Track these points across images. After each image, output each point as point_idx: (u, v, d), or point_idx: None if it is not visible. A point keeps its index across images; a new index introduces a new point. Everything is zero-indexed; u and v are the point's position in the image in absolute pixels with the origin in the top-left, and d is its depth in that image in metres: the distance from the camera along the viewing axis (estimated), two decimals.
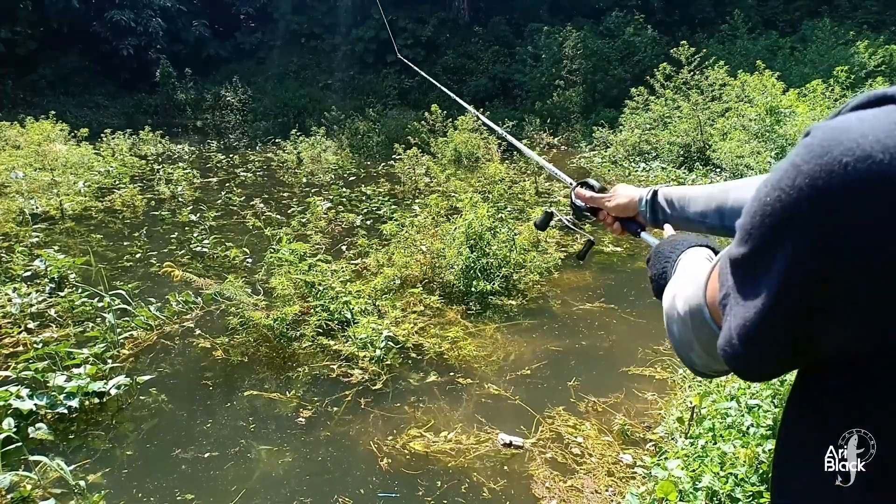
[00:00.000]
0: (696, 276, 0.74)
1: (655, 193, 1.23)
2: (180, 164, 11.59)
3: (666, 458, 2.82)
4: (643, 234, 1.27)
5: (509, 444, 3.21)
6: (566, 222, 1.49)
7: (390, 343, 4.17)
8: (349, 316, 4.52)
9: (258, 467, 3.10)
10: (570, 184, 1.44)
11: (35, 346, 4.12)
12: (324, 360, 4.12)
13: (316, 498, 2.90)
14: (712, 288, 0.66)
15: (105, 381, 3.60)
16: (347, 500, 2.87)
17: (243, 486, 2.95)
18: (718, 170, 9.75)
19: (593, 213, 1.38)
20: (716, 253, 0.94)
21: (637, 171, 10.97)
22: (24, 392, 3.37)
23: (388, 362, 4.05)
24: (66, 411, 3.40)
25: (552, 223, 1.50)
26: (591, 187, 1.38)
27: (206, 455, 3.20)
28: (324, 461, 3.16)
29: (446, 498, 2.87)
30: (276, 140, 14.70)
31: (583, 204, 1.37)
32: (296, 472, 3.08)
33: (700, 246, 0.95)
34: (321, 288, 4.69)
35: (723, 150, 9.29)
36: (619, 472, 2.97)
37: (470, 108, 2.23)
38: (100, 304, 4.78)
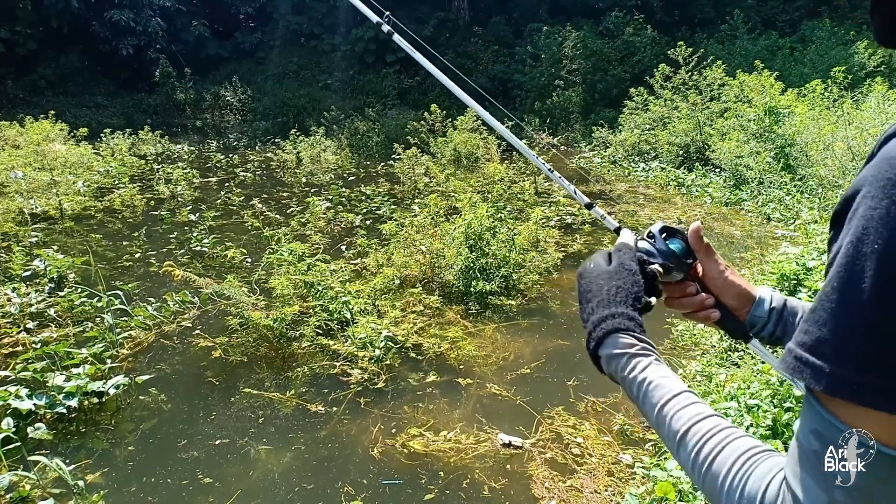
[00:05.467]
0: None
1: (785, 303, 0.88)
2: (180, 163, 11.60)
3: (665, 459, 2.82)
4: (755, 343, 0.88)
5: (509, 444, 3.21)
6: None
7: (390, 343, 4.17)
8: (349, 316, 4.52)
9: (261, 462, 3.10)
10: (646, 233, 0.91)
11: (34, 346, 4.12)
12: (323, 360, 4.12)
13: (319, 484, 2.94)
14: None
15: (104, 380, 3.60)
16: (350, 489, 2.89)
17: (252, 477, 2.95)
18: (718, 170, 9.76)
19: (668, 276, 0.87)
20: (636, 331, 0.77)
21: (637, 171, 10.97)
22: (24, 392, 3.37)
23: (388, 362, 4.05)
24: (65, 411, 3.40)
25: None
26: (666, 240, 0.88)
27: (217, 443, 3.20)
28: (325, 457, 3.16)
29: (448, 489, 2.88)
30: (276, 140, 14.72)
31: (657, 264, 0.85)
32: (301, 460, 3.08)
33: (623, 328, 0.77)
34: (320, 288, 4.69)
35: (722, 151, 9.30)
36: (619, 472, 2.97)
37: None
38: (99, 304, 4.78)
